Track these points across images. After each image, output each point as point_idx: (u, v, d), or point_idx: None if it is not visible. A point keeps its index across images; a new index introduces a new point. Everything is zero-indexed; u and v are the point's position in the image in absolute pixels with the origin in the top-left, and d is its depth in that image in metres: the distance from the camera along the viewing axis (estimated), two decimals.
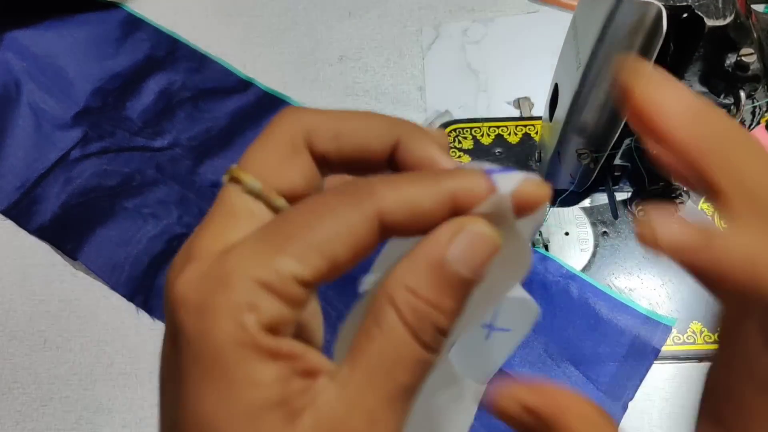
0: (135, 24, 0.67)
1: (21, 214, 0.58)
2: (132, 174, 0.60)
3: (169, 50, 0.66)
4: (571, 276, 0.53)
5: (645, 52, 0.32)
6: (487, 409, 0.21)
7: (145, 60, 0.65)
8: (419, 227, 0.17)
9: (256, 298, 0.15)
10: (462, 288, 0.16)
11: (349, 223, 0.16)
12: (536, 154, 0.55)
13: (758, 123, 0.36)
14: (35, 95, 0.62)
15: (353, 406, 0.16)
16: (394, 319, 0.16)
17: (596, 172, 0.42)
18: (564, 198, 0.48)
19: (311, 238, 0.16)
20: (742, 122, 0.35)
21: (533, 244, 0.55)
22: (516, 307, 0.22)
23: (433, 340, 0.16)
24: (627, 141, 0.38)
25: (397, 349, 0.16)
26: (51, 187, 0.59)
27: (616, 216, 0.45)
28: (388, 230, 0.17)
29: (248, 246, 0.16)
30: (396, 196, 0.16)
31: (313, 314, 0.21)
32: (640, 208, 0.41)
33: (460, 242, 0.16)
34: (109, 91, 0.63)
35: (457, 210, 0.17)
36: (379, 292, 0.17)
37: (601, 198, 0.50)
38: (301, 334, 0.19)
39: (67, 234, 0.57)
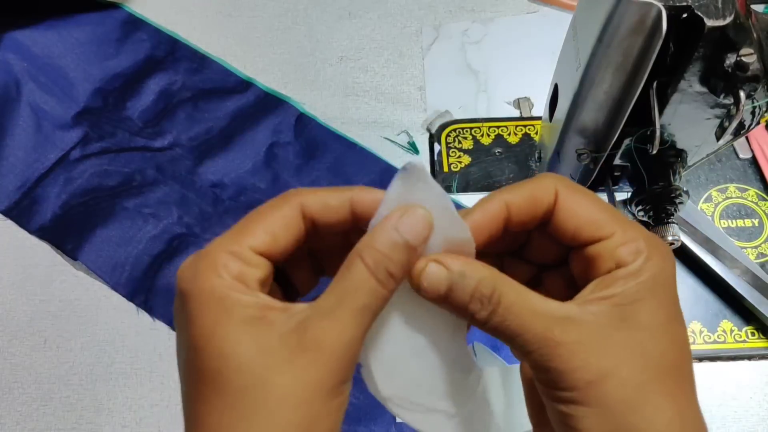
0: (135, 24, 0.67)
1: (21, 214, 0.58)
2: (132, 174, 0.60)
3: (169, 50, 0.66)
4: None
5: (645, 52, 0.32)
6: None
7: (145, 60, 0.65)
8: (330, 218, 0.25)
9: (227, 261, 0.23)
10: (407, 249, 0.24)
11: (283, 213, 0.24)
12: (536, 154, 0.55)
13: (758, 123, 0.36)
14: (35, 95, 0.62)
15: (324, 313, 0.23)
16: (360, 264, 0.23)
17: (596, 172, 0.42)
18: None
19: (260, 224, 0.24)
20: (742, 122, 0.35)
21: None
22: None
23: (384, 278, 0.23)
24: (627, 141, 0.38)
25: (359, 281, 0.23)
26: (51, 187, 0.59)
27: None
28: (309, 218, 0.25)
29: (222, 236, 0.24)
30: (314, 196, 0.25)
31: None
32: (639, 208, 0.41)
33: (407, 218, 0.24)
34: (110, 91, 0.64)
35: (354, 207, 0.25)
36: (351, 252, 0.24)
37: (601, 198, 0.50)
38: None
39: (67, 234, 0.57)
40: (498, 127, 0.62)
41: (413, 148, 0.62)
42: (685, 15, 0.30)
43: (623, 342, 0.23)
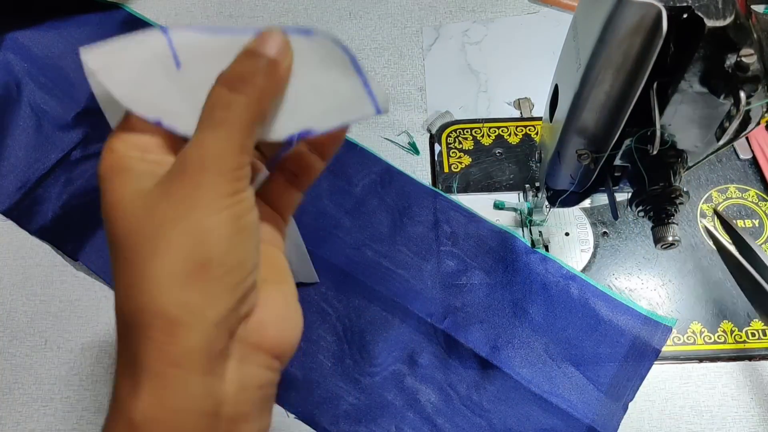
0: (135, 24, 0.67)
1: (22, 214, 0.58)
2: None
3: None
4: (571, 276, 0.53)
5: (645, 52, 0.32)
6: None
7: None
8: None
9: (122, 135, 0.26)
10: (260, 59, 0.25)
11: None
12: (536, 155, 0.55)
13: (758, 123, 0.36)
14: (36, 96, 0.62)
15: (196, 142, 0.24)
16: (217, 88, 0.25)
17: (596, 172, 0.42)
18: (564, 198, 0.48)
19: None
20: (744, 122, 0.35)
21: (533, 245, 0.55)
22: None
23: (237, 82, 0.24)
24: (627, 141, 0.38)
25: (215, 97, 0.25)
26: (52, 187, 0.59)
27: (616, 216, 0.45)
28: None
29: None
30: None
31: None
32: (639, 208, 0.41)
33: (260, 39, 0.25)
34: None
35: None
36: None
37: (602, 198, 0.50)
38: None
39: (68, 234, 0.57)
40: (498, 127, 0.62)
41: (413, 148, 0.62)
42: (685, 15, 0.30)
43: None
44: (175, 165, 0.25)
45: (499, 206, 0.58)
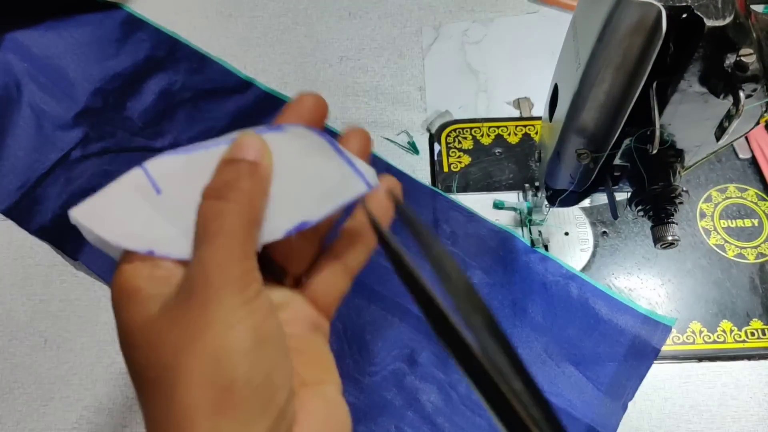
0: (135, 24, 0.67)
1: (22, 214, 0.58)
2: None
3: (169, 50, 0.66)
4: (570, 276, 0.53)
5: (645, 52, 0.32)
6: None
7: (145, 60, 0.65)
8: None
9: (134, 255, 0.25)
10: (240, 165, 0.25)
11: None
12: (536, 154, 0.55)
13: (758, 123, 0.36)
14: (36, 96, 0.62)
15: (198, 262, 0.23)
16: (207, 202, 0.24)
17: (596, 172, 0.42)
18: (564, 198, 0.48)
19: None
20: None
21: (533, 244, 0.55)
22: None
23: (223, 191, 0.24)
24: (627, 141, 0.38)
25: (210, 214, 0.24)
26: (52, 187, 0.59)
27: (615, 216, 0.45)
28: None
29: None
30: None
31: None
32: (639, 208, 0.41)
33: (234, 147, 0.25)
34: (110, 91, 0.64)
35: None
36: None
37: (601, 198, 0.50)
38: None
39: (67, 234, 0.57)
40: (498, 127, 0.62)
41: (413, 148, 0.62)
42: (684, 15, 0.30)
43: None
44: (181, 287, 0.23)
45: (498, 206, 0.58)
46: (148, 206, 0.25)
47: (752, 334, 0.52)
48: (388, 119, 0.64)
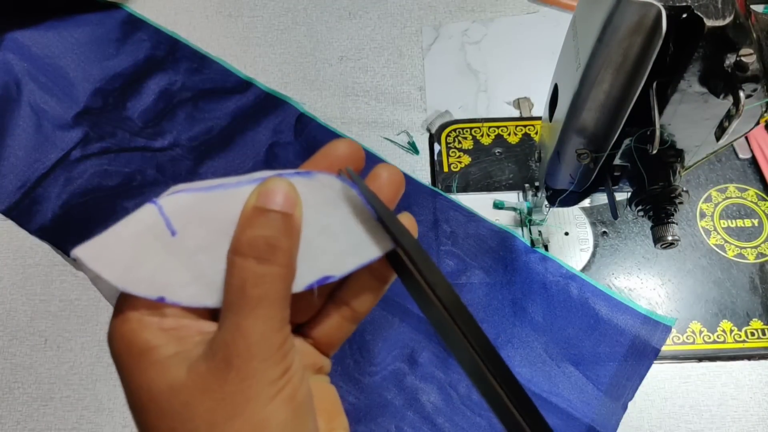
0: (135, 24, 0.67)
1: (22, 214, 0.58)
2: (133, 174, 0.60)
3: (169, 50, 0.66)
4: (570, 276, 0.53)
5: (644, 52, 0.32)
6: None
7: (145, 60, 0.65)
8: None
9: (136, 305, 0.22)
10: (275, 217, 0.22)
11: None
12: (536, 154, 0.55)
13: (758, 123, 0.36)
14: (36, 95, 0.62)
15: (225, 327, 0.22)
16: (234, 259, 0.22)
17: (596, 172, 0.42)
18: (564, 198, 0.48)
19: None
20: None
21: (533, 244, 0.55)
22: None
23: (266, 252, 0.22)
24: (627, 141, 0.38)
25: (241, 277, 0.22)
26: (52, 187, 0.59)
27: (615, 216, 0.45)
28: None
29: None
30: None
31: None
32: (639, 208, 0.41)
33: (262, 193, 0.23)
34: (110, 91, 0.64)
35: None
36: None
37: (601, 198, 0.50)
38: None
39: (67, 234, 0.57)
40: (498, 127, 0.62)
41: (413, 148, 0.62)
42: (684, 15, 0.30)
43: None
44: (212, 352, 0.22)
45: (498, 206, 0.58)
46: (160, 249, 0.23)
47: (752, 334, 0.52)
48: (388, 119, 0.64)
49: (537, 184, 0.54)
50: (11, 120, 0.61)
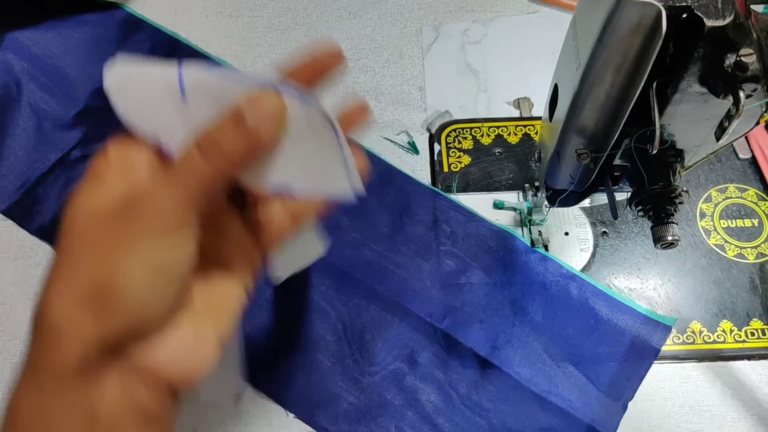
0: (135, 24, 0.67)
1: (22, 214, 0.58)
2: None
3: (169, 51, 0.66)
4: (570, 276, 0.53)
5: (644, 52, 0.32)
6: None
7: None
8: None
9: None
10: (244, 138, 0.26)
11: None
12: (536, 154, 0.55)
13: (758, 123, 0.36)
14: (36, 95, 0.62)
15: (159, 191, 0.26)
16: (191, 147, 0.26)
17: (596, 172, 0.42)
18: (564, 198, 0.48)
19: None
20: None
21: (533, 244, 0.55)
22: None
23: (212, 152, 0.26)
24: (627, 141, 0.39)
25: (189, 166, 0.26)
26: (52, 187, 0.59)
27: (615, 216, 0.45)
28: None
29: None
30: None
31: None
32: (639, 208, 0.41)
33: (253, 103, 0.26)
34: None
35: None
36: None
37: (601, 198, 0.50)
38: None
39: None
40: (498, 127, 0.62)
41: (413, 148, 0.62)
42: (684, 15, 0.30)
43: None
44: (132, 198, 0.26)
45: (498, 206, 0.58)
46: (169, 105, 0.27)
47: (752, 334, 0.52)
48: (388, 119, 0.64)
49: (537, 184, 0.54)
50: (11, 120, 0.61)
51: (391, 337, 0.52)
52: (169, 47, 0.66)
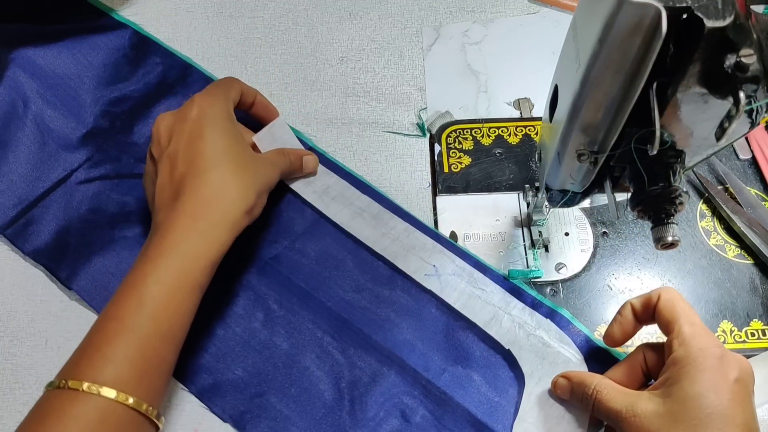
0: (148, 46, 0.66)
1: (17, 234, 0.56)
2: (133, 202, 0.58)
3: (180, 75, 0.65)
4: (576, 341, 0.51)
5: (644, 53, 0.32)
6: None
7: (156, 85, 0.64)
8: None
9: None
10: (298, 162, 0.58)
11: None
12: (536, 155, 0.55)
13: (757, 124, 0.36)
14: (43, 114, 0.60)
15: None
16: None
17: (596, 172, 0.42)
18: (564, 199, 0.48)
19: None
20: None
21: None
22: None
23: (285, 158, 0.56)
24: (627, 141, 0.39)
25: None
26: (49, 209, 0.57)
27: (616, 216, 0.45)
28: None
29: None
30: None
31: None
32: (639, 208, 0.41)
33: (306, 155, 0.59)
34: (118, 114, 0.62)
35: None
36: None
37: (601, 198, 0.50)
38: None
39: (62, 261, 0.55)
40: (498, 127, 0.63)
41: (421, 129, 0.62)
42: (684, 16, 0.31)
43: (666, 412, 0.38)
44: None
45: (513, 276, 0.54)
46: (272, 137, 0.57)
47: (752, 334, 0.52)
48: (388, 120, 0.64)
49: (537, 184, 0.54)
50: (14, 137, 0.59)
51: (386, 391, 0.50)
52: (181, 71, 0.65)
